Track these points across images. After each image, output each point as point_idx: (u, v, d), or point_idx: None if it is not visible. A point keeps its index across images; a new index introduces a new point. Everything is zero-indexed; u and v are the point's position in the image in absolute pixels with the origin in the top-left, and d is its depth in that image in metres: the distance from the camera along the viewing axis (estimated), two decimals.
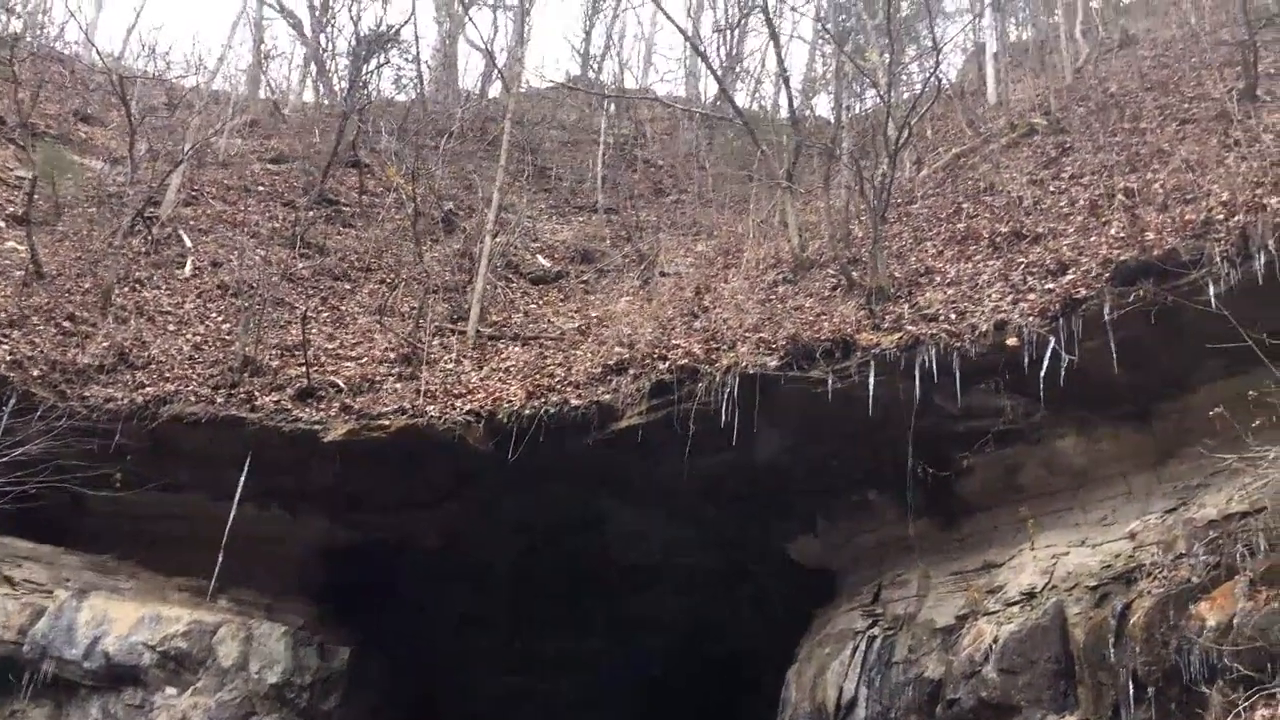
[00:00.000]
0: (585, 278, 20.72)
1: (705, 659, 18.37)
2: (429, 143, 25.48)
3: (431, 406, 14.47)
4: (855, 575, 14.47)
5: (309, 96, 33.59)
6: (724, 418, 12.91)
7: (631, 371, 14.22)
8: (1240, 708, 7.62)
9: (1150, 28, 24.96)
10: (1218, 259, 10.72)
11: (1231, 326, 9.10)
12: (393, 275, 19.63)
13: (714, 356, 13.71)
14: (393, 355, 16.11)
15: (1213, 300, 10.32)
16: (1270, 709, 7.17)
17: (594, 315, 18.13)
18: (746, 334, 14.08)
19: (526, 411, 14.09)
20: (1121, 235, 12.51)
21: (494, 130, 26.86)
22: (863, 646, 12.91)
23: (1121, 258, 11.69)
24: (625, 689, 18.71)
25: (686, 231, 22.90)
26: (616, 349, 15.00)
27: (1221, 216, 11.34)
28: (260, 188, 23.38)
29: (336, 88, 31.08)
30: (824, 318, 14.03)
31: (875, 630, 13.01)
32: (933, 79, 18.56)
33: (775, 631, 15.47)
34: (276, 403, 14.61)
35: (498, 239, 19.67)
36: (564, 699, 19.12)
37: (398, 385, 15.13)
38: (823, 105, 32.28)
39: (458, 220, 22.23)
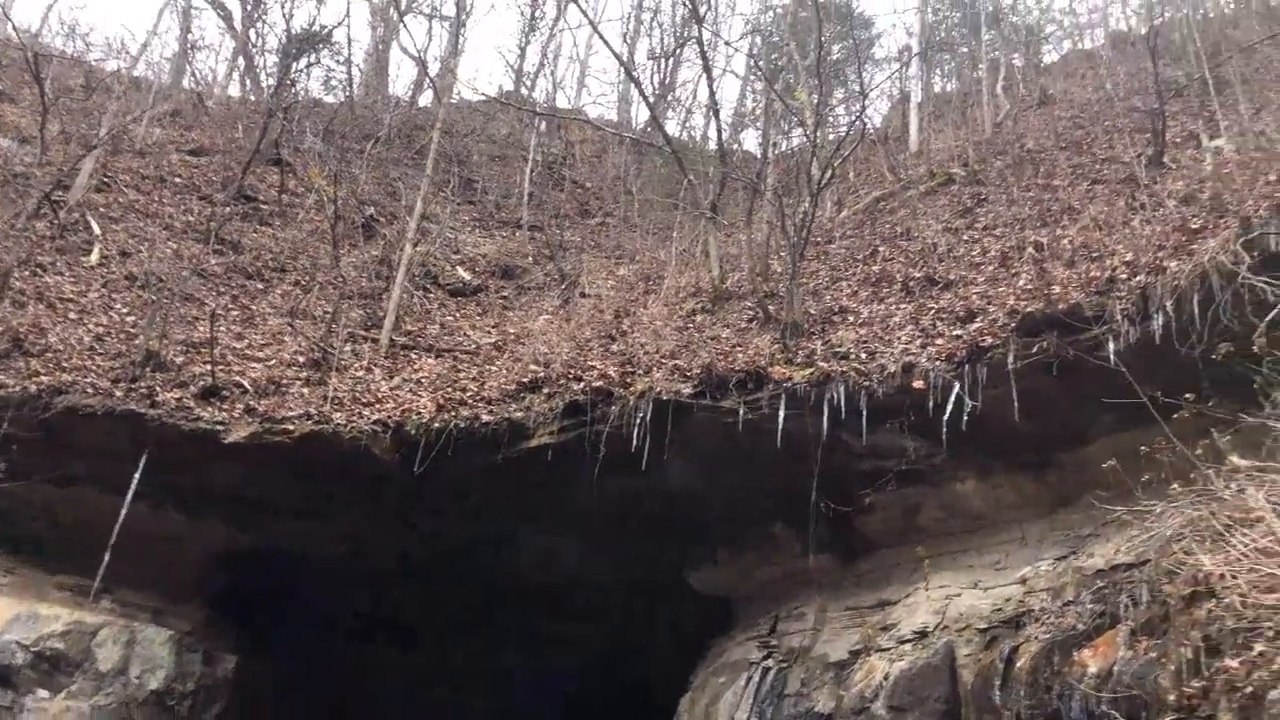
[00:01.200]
0: (505, 293, 20.64)
1: (621, 682, 18.25)
2: (355, 146, 25.21)
3: (338, 414, 14.21)
4: (754, 606, 14.57)
5: (234, 90, 33.01)
6: (635, 443, 12.94)
7: (545, 390, 14.18)
8: None
9: (1068, 89, 25.84)
10: (1119, 316, 11.11)
11: (1128, 383, 9.40)
12: (308, 278, 19.32)
13: (629, 381, 13.76)
14: (302, 359, 15.83)
15: (1112, 356, 10.67)
16: None
17: (511, 332, 18.06)
18: (663, 360, 14.16)
19: (436, 425, 13.93)
20: (1029, 288, 12.90)
21: (422, 139, 26.70)
22: (756, 677, 12.99)
23: (1028, 309, 12.04)
24: (542, 707, 18.51)
25: (610, 254, 22.98)
26: (532, 367, 14.96)
27: (1125, 275, 11.75)
28: (177, 179, 22.83)
29: (264, 84, 30.62)
30: (739, 349, 14.18)
31: (770, 662, 13.11)
32: (858, 123, 18.96)
33: (686, 658, 15.47)
34: (178, 400, 14.20)
35: (418, 248, 19.50)
36: (478, 714, 18.83)
37: (305, 390, 14.85)
38: (750, 140, 32.78)
39: (378, 226, 21.98)
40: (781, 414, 12.63)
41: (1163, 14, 25.22)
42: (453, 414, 14.12)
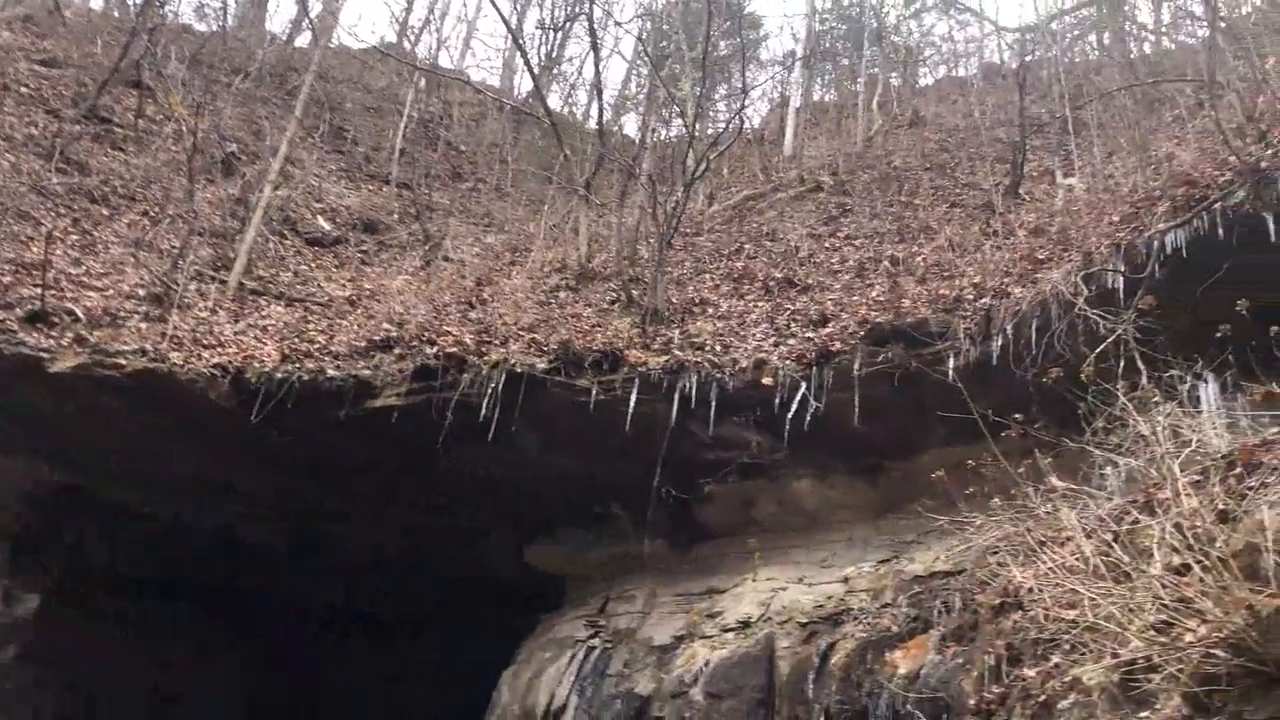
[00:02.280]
0: (365, 248, 20.09)
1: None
2: (222, 79, 24.11)
3: (176, 353, 13.56)
4: (586, 585, 14.68)
5: (97, 3, 31.16)
6: (485, 412, 12.81)
7: (397, 351, 13.87)
8: None
9: (939, 113, 26.73)
10: (962, 335, 11.61)
11: (963, 398, 9.79)
12: (158, 209, 18.39)
13: (484, 350, 13.60)
14: (143, 292, 15.06)
15: (951, 372, 11.14)
16: None
17: (367, 288, 17.60)
18: (521, 332, 14.06)
19: (279, 375, 13.41)
20: (881, 299, 13.32)
21: (295, 80, 25.69)
22: (581, 656, 13.09)
23: (878, 320, 12.45)
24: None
25: (478, 221, 22.65)
26: (385, 326, 14.62)
27: (971, 296, 12.27)
28: (23, 89, 21.36)
29: (130, 0, 29.00)
30: (599, 329, 14.20)
31: (596, 641, 13.23)
32: (737, 120, 19.19)
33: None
34: (1, 321, 13.35)
35: (279, 191, 18.80)
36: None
37: (143, 325, 14.13)
38: (631, 124, 32.83)
39: (239, 165, 21.10)
40: (634, 398, 12.72)
41: (1034, 52, 26.29)
42: (297, 365, 13.64)
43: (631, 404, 12.68)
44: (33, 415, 13.55)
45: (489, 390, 12.88)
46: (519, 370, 13.01)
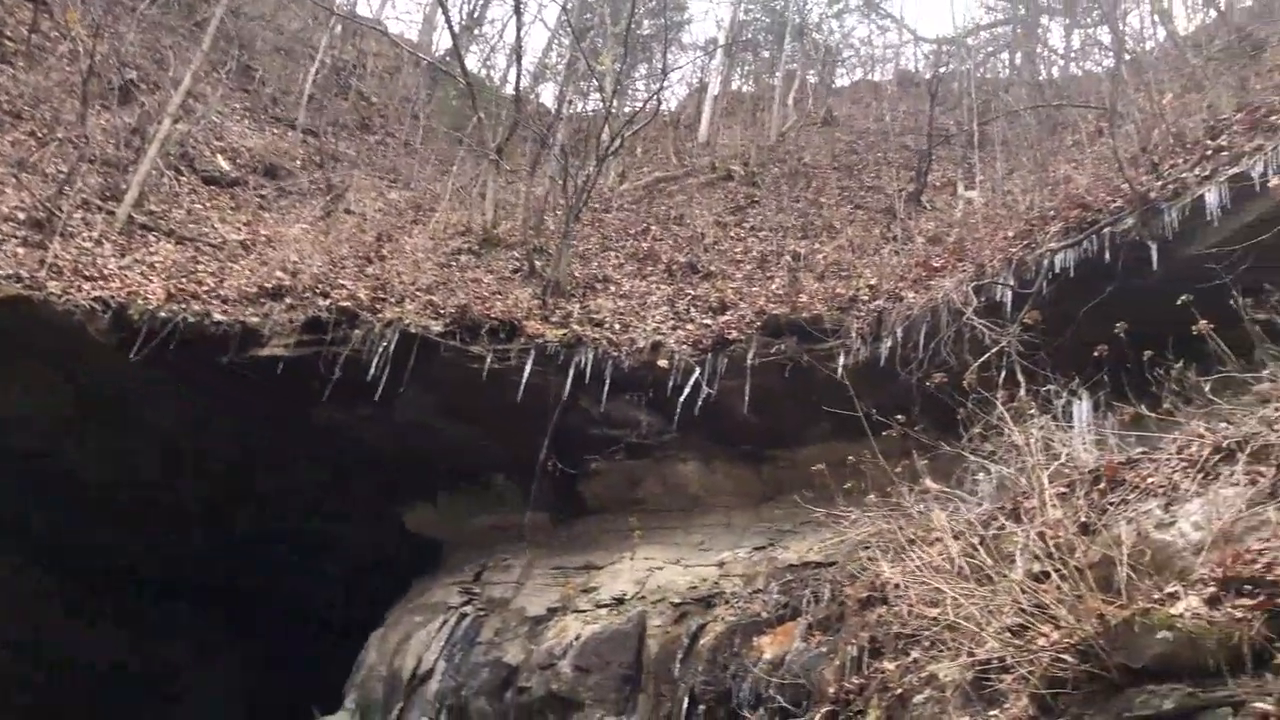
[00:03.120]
0: (264, 192, 19.51)
1: None
2: (126, 1, 23.11)
3: (55, 283, 12.98)
4: (463, 552, 14.58)
5: None
6: (374, 371, 12.60)
7: (288, 300, 13.54)
8: None
9: (852, 114, 27.14)
10: (854, 334, 11.85)
11: (850, 395, 9.98)
12: (46, 130, 17.57)
13: (379, 307, 13.37)
14: (22, 216, 14.37)
15: (840, 369, 11.36)
16: None
17: (264, 233, 17.11)
18: (418, 293, 13.86)
19: (163, 314, 12.92)
20: (780, 292, 13.51)
21: (204, 11, 24.76)
22: (453, 622, 13.03)
23: (775, 312, 12.63)
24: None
25: (384, 175, 22.19)
26: (278, 273, 14.24)
27: (866, 297, 12.52)
28: None
29: None
30: (498, 297, 14.08)
31: (469, 609, 13.18)
32: (655, 101, 19.17)
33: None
34: None
35: (178, 125, 18.13)
36: None
37: (20, 250, 13.48)
38: (548, 94, 32.52)
39: (138, 93, 20.26)
40: (528, 369, 12.67)
41: (948, 64, 26.87)
42: (183, 306, 13.19)
43: (525, 375, 12.63)
44: None
45: (380, 349, 12.68)
46: (413, 331, 12.83)
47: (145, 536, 16.44)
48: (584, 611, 11.99)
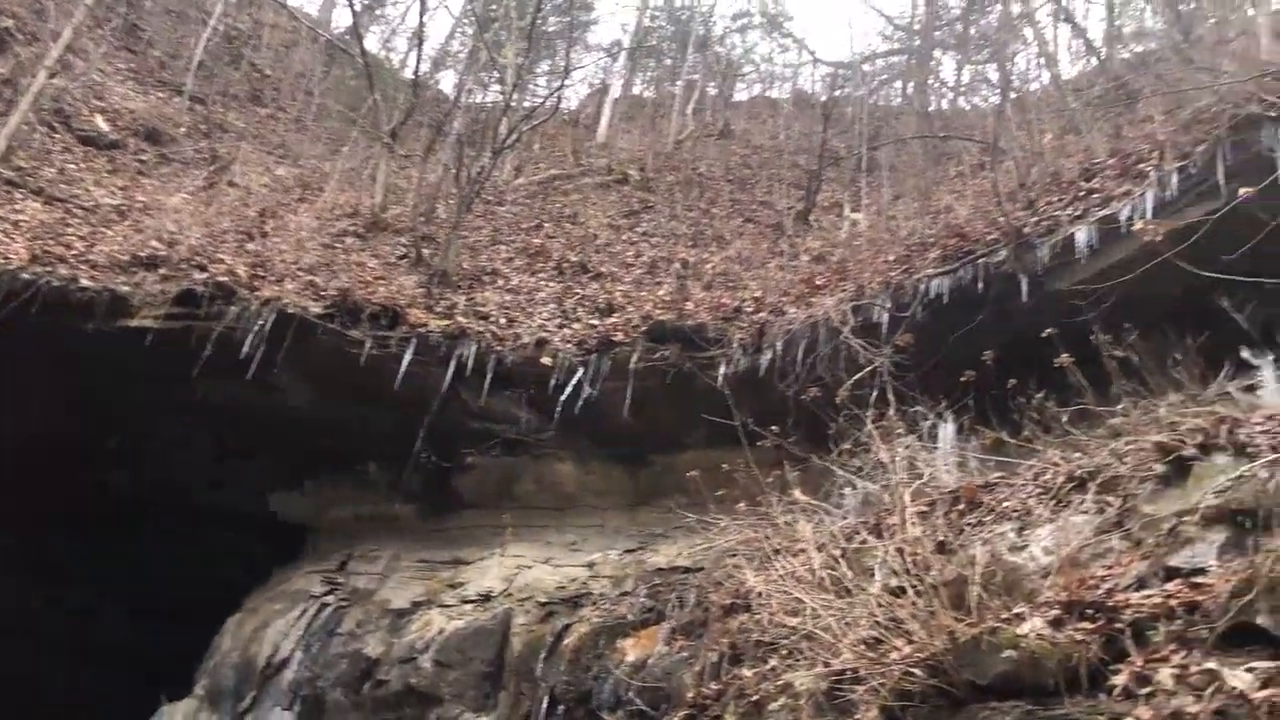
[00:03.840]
0: (144, 158, 18.79)
1: None
2: None
3: None
4: (329, 541, 14.28)
5: None
6: (248, 350, 12.25)
7: (162, 271, 13.05)
8: None
9: (748, 129, 27.52)
10: (736, 344, 12.03)
11: (727, 404, 10.12)
12: None
13: (257, 285, 13.00)
14: None
15: (720, 378, 11.52)
16: None
17: (141, 199, 16.47)
18: (299, 272, 13.52)
19: (25, 275, 12.36)
20: (667, 298, 13.62)
21: None
22: (313, 611, 12.75)
23: (661, 318, 12.73)
24: None
25: (272, 150, 21.60)
26: (154, 242, 13.72)
27: (750, 309, 12.73)
28: None
29: None
30: (382, 282, 13.84)
31: (331, 599, 12.92)
32: (555, 98, 19.12)
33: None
34: None
35: (55, 79, 17.33)
36: None
37: None
38: (448, 82, 32.11)
39: (13, 43, 19.30)
40: (408, 357, 12.49)
41: (843, 88, 27.48)
42: (49, 269, 12.61)
43: (405, 364, 12.45)
44: None
45: (256, 327, 12.33)
46: (291, 311, 12.52)
47: None
48: (449, 607, 11.87)
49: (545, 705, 10.04)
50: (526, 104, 22.05)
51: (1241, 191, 7.60)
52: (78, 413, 14.00)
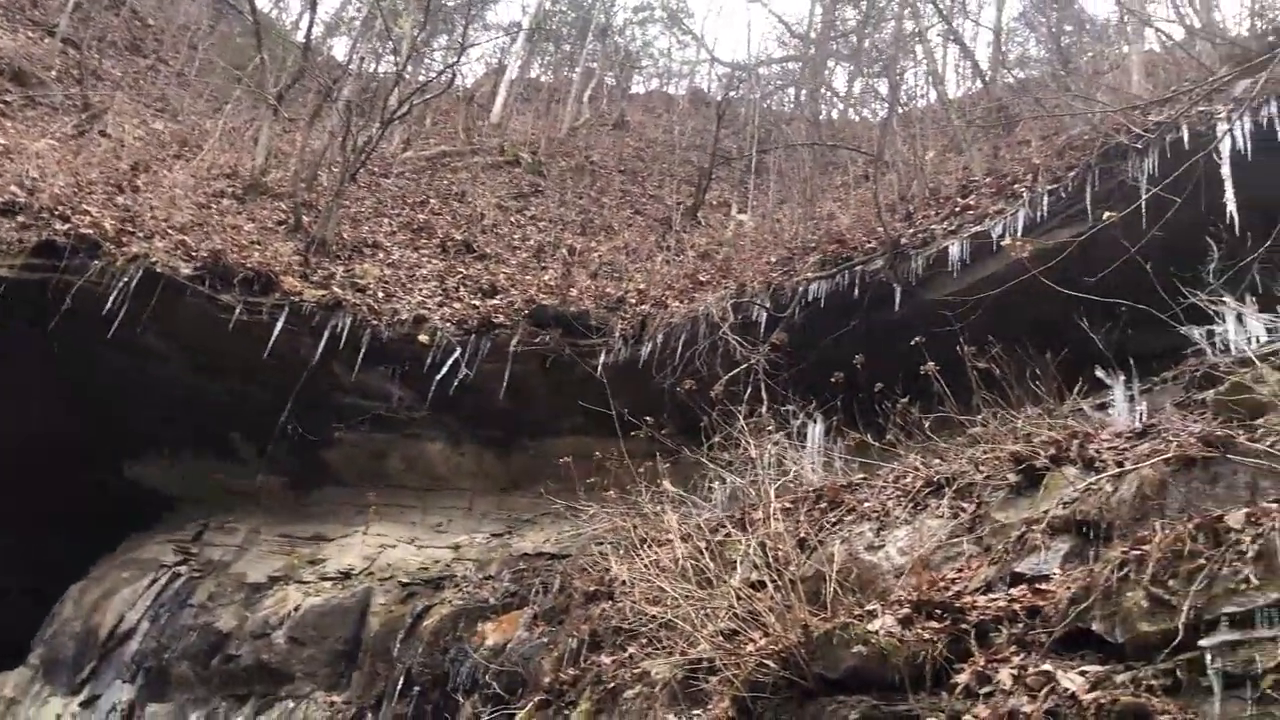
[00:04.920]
0: (9, 99, 17.84)
1: None
2: None
3: None
4: (186, 509, 13.79)
5: None
6: (111, 307, 11.74)
7: (21, 219, 12.40)
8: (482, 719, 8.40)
9: (643, 122, 27.61)
10: (617, 334, 12.06)
11: (604, 393, 10.14)
12: None
13: (125, 240, 12.47)
14: None
15: (600, 366, 11.54)
16: None
17: (2, 142, 15.64)
18: (170, 231, 13.01)
19: None
20: (552, 284, 13.57)
21: None
22: (164, 581, 12.31)
23: (544, 302, 12.66)
24: None
25: (150, 103, 20.74)
26: (13, 188, 13.02)
27: (634, 300, 12.77)
28: None
29: None
30: (257, 247, 13.42)
31: (184, 569, 12.49)
32: (449, 74, 18.84)
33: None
34: None
35: None
36: None
37: None
38: (340, 49, 31.36)
39: None
40: (280, 325, 12.14)
41: (738, 89, 27.76)
42: None
43: (275, 332, 12.10)
44: None
45: (120, 284, 11.82)
46: (159, 271, 12.05)
47: None
48: (308, 583, 11.59)
49: (400, 686, 9.89)
50: (421, 78, 21.70)
51: (1106, 216, 7.95)
52: None
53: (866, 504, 7.30)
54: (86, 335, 11.95)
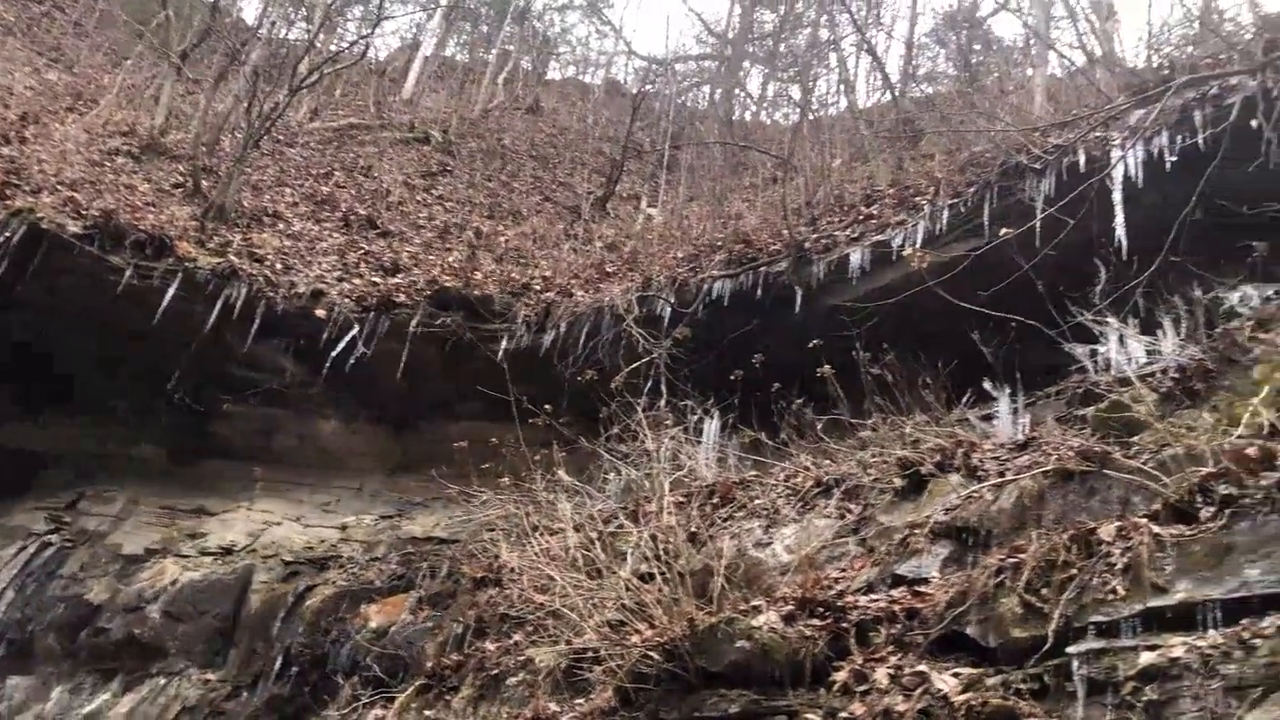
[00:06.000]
0: None
1: None
2: None
3: None
4: (61, 476, 13.24)
5: None
6: None
7: None
8: (361, 703, 8.28)
9: (558, 109, 27.48)
10: (520, 320, 12.01)
11: (504, 379, 10.07)
12: None
13: (9, 194, 11.93)
14: None
15: (501, 352, 11.47)
16: (384, 710, 7.87)
17: None
18: (60, 186, 12.50)
19: None
20: (456, 266, 13.42)
21: None
22: (33, 549, 11.81)
23: (447, 284, 12.53)
24: None
25: (44, 52, 19.91)
26: None
27: (539, 287, 12.72)
28: None
29: None
30: (152, 209, 12.98)
31: (55, 538, 11.99)
32: (362, 45, 18.49)
33: None
34: None
35: None
36: None
37: None
38: (250, 11, 30.55)
39: None
40: (171, 291, 11.76)
41: (654, 84, 27.86)
42: None
43: (167, 298, 11.71)
44: None
45: (1, 239, 11.31)
46: (45, 227, 11.55)
47: None
48: (187, 557, 11.27)
49: (279, 666, 9.70)
50: (333, 47, 21.26)
51: (1002, 233, 8.19)
52: None
53: (757, 501, 7.41)
54: None
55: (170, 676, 10.32)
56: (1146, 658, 4.00)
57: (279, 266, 12.56)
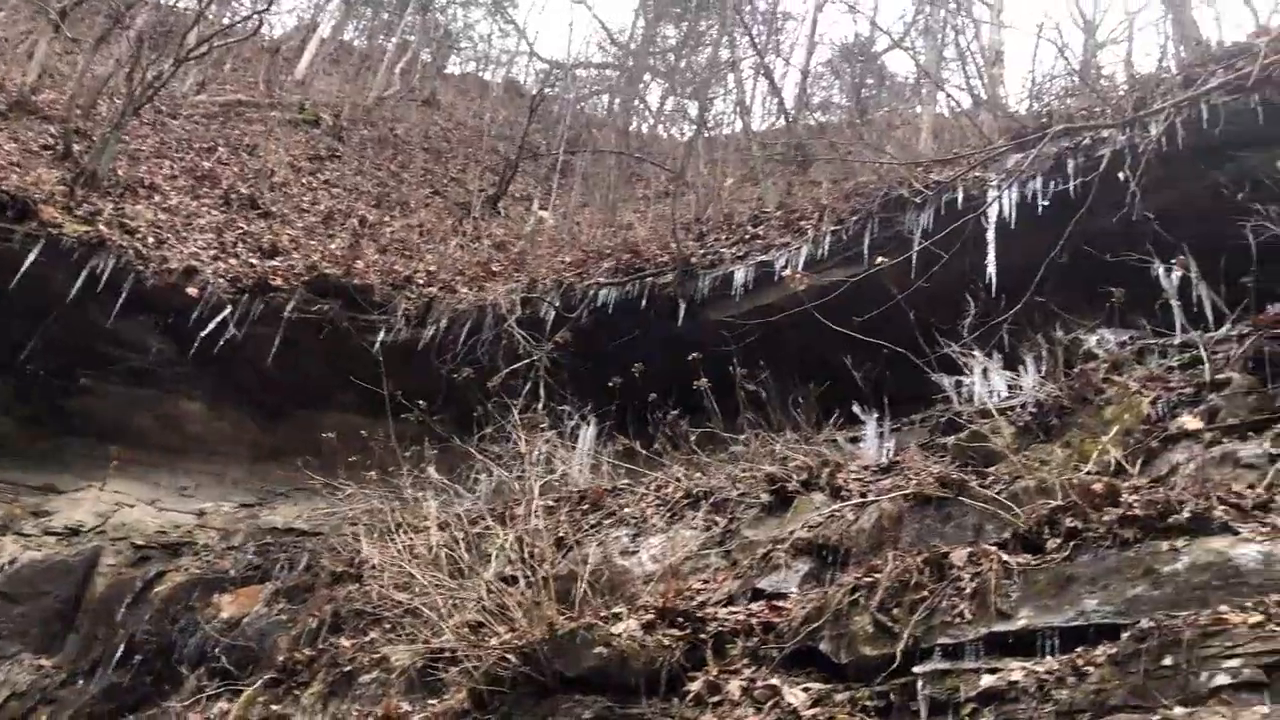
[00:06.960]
0: None
1: None
2: None
3: None
4: None
5: None
6: None
7: None
8: (206, 695, 8.01)
9: (455, 104, 27.19)
10: (400, 313, 11.81)
11: (380, 372, 9.87)
12: None
13: None
14: None
15: (379, 344, 11.25)
16: (229, 704, 7.63)
17: None
18: None
19: None
20: (338, 253, 13.15)
21: None
22: None
23: (327, 271, 12.26)
24: None
25: None
26: None
27: (422, 281, 12.55)
28: None
29: None
30: (17, 169, 12.36)
31: None
32: (256, 20, 18.01)
33: None
34: None
35: None
36: None
37: None
38: None
39: None
40: (32, 257, 11.20)
41: (554, 87, 27.76)
42: None
43: (27, 263, 11.15)
44: None
45: None
46: None
47: None
48: (29, 536, 10.73)
49: (120, 653, 9.28)
50: (225, 20, 20.64)
51: (879, 261, 8.42)
52: None
53: (627, 510, 7.45)
54: None
55: (1, 660, 9.81)
56: (987, 680, 4.15)
57: (151, 240, 12.09)
